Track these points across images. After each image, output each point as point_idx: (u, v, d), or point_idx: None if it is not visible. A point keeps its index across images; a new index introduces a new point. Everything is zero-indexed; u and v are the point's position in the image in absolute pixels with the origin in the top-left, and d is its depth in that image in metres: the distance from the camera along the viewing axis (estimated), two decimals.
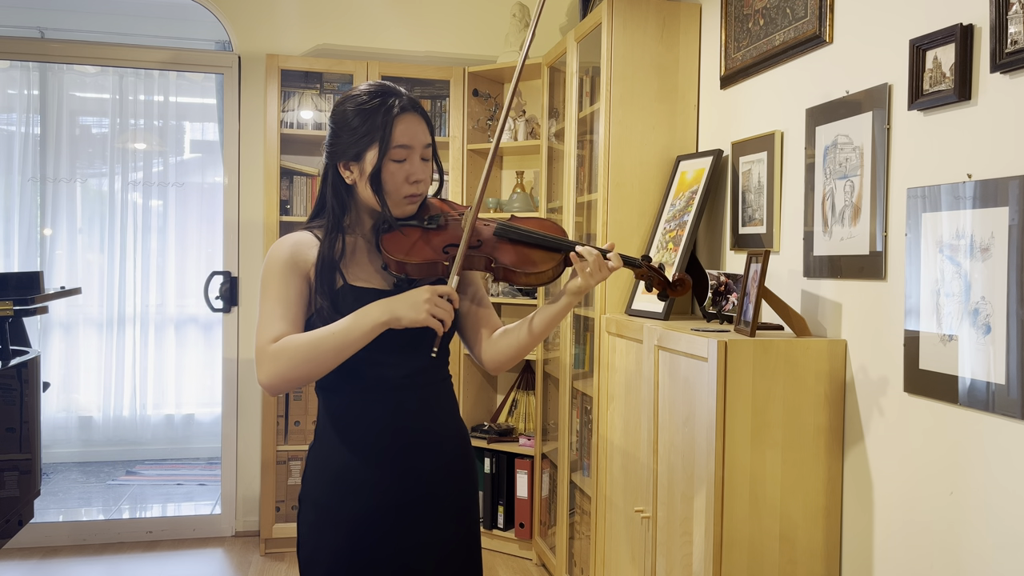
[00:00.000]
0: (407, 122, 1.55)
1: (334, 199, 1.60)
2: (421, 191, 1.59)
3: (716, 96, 2.83)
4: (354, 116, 1.55)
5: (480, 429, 3.88)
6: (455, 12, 4.13)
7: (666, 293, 1.69)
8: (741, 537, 2.02)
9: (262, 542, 3.80)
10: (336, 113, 1.59)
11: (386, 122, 1.53)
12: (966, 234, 1.68)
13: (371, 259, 1.61)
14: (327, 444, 1.61)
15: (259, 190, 3.95)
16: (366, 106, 1.55)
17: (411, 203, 1.59)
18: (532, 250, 1.60)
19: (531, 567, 3.67)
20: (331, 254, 1.56)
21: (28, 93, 5.21)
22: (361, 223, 1.63)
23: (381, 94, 1.56)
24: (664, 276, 1.68)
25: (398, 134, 1.53)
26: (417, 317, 1.46)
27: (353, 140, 1.55)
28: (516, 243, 1.61)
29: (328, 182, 1.61)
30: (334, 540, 1.57)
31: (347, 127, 1.56)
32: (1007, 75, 1.61)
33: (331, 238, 1.57)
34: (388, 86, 1.59)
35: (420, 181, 1.58)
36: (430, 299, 1.47)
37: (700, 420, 2.10)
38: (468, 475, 1.70)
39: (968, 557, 1.69)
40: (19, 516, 2.90)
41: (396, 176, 1.55)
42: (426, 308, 1.46)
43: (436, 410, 1.63)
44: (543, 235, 1.61)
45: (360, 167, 1.56)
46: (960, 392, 1.69)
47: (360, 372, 1.56)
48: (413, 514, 1.59)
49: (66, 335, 5.39)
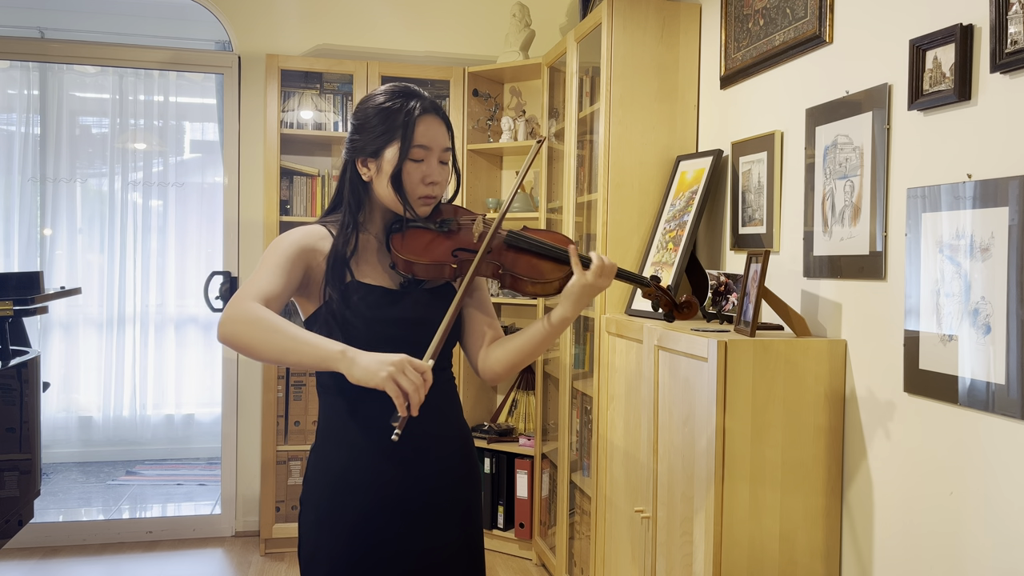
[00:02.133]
0: (428, 123, 1.57)
1: (351, 194, 1.61)
2: (436, 193, 1.61)
3: (716, 96, 2.83)
4: (375, 114, 1.58)
5: (480, 429, 3.88)
6: (455, 12, 4.13)
7: (672, 315, 1.69)
8: (741, 537, 2.02)
9: (262, 542, 3.80)
10: (359, 111, 1.62)
11: (407, 122, 1.55)
12: (966, 234, 1.68)
13: (380, 258, 1.62)
14: (328, 445, 1.61)
15: (259, 190, 3.95)
16: (388, 105, 1.58)
17: (425, 204, 1.60)
18: (541, 261, 1.61)
19: (531, 567, 3.67)
20: (344, 249, 1.57)
21: (28, 93, 5.21)
22: (374, 221, 1.64)
23: (404, 95, 1.59)
24: (672, 297, 1.69)
25: (418, 134, 1.56)
26: (374, 376, 1.32)
27: (373, 137, 1.57)
28: (526, 252, 1.61)
29: (346, 177, 1.63)
30: (335, 541, 1.57)
31: (368, 124, 1.58)
32: (1007, 75, 1.61)
33: (346, 233, 1.59)
34: (410, 87, 1.62)
35: (436, 183, 1.59)
36: (399, 364, 1.33)
37: (700, 420, 2.10)
38: (470, 476, 1.70)
39: (968, 557, 1.69)
40: (19, 516, 2.90)
41: (412, 176, 1.57)
42: (390, 371, 1.32)
43: (437, 411, 1.63)
44: (553, 246, 1.61)
45: (378, 164, 1.58)
46: (960, 392, 1.69)
47: None
48: (414, 516, 1.59)
49: (66, 335, 5.38)
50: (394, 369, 1.32)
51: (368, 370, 1.33)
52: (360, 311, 1.55)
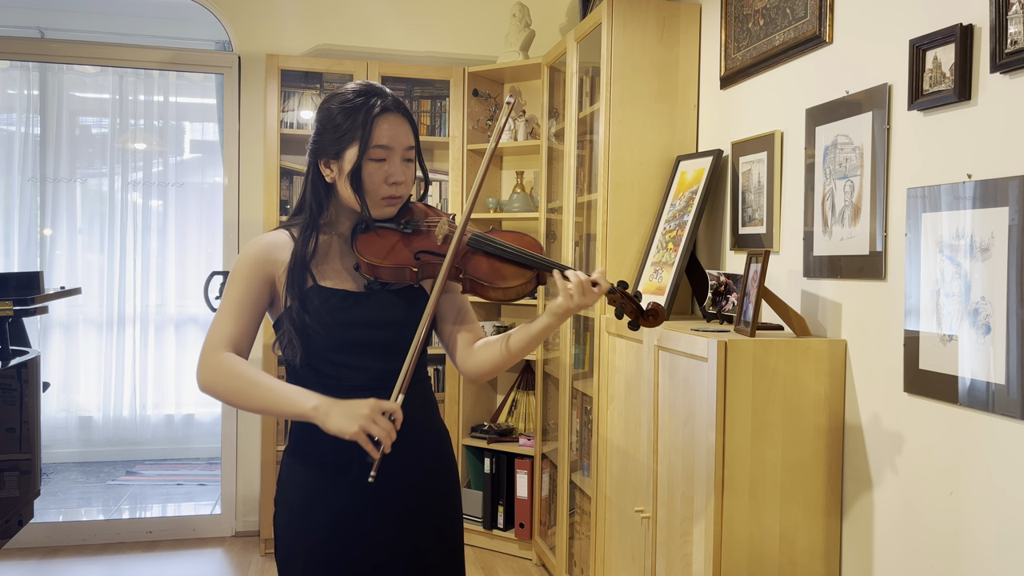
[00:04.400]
0: (389, 122, 1.55)
1: (312, 197, 1.60)
2: (400, 193, 1.58)
3: (716, 96, 2.83)
4: (338, 114, 1.55)
5: (480, 429, 3.88)
6: (455, 12, 4.13)
7: (637, 322, 1.58)
8: (741, 537, 2.02)
9: (262, 542, 3.80)
10: (321, 111, 1.59)
11: (367, 121, 1.53)
12: (966, 234, 1.68)
13: (344, 260, 1.61)
14: (300, 446, 1.61)
15: (259, 190, 3.95)
16: (349, 104, 1.55)
17: (390, 205, 1.58)
18: (504, 264, 1.58)
19: (531, 567, 3.67)
20: (303, 252, 1.56)
21: (28, 93, 5.21)
22: (339, 222, 1.62)
23: (365, 93, 1.56)
24: (638, 304, 1.58)
25: (378, 134, 1.53)
26: (346, 429, 1.41)
27: (335, 138, 1.55)
28: (489, 256, 1.58)
29: (309, 179, 1.61)
30: (309, 541, 1.57)
31: (331, 125, 1.56)
32: (1007, 75, 1.61)
33: (305, 236, 1.57)
34: (374, 86, 1.58)
35: (399, 183, 1.56)
36: (370, 415, 1.42)
37: (700, 420, 2.10)
38: (446, 476, 1.68)
39: (968, 557, 1.69)
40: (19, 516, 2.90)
41: (375, 176, 1.54)
42: (361, 423, 1.41)
43: (411, 412, 1.61)
44: (517, 250, 1.58)
45: (339, 165, 1.56)
46: (960, 392, 1.69)
47: (333, 374, 1.56)
48: (387, 515, 1.58)
49: (66, 335, 5.38)
50: (364, 421, 1.41)
51: (339, 426, 1.42)
52: (320, 316, 1.54)
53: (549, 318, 1.55)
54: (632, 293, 1.58)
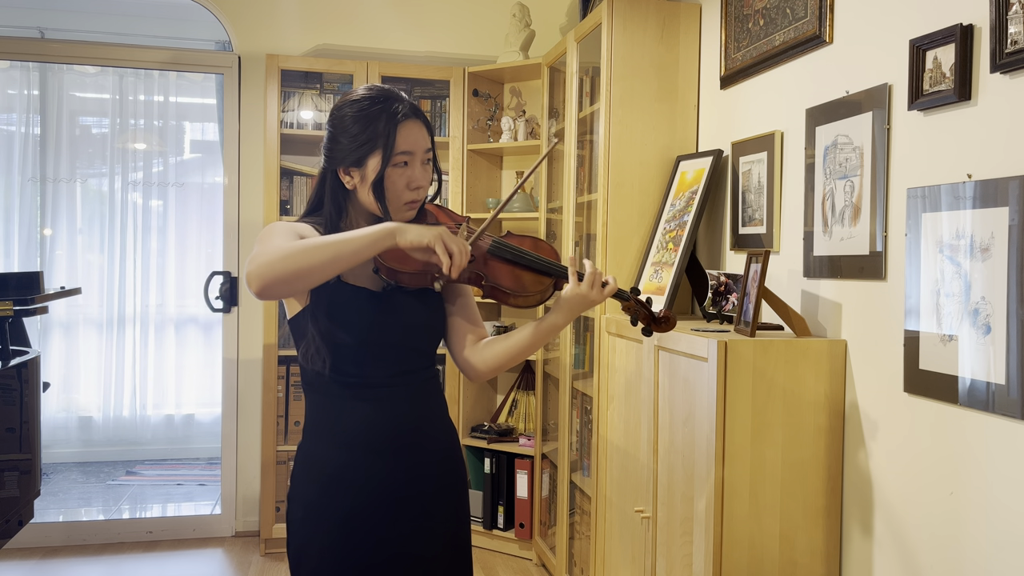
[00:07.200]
0: (409, 128, 1.55)
1: (331, 204, 1.60)
2: (421, 196, 1.60)
3: (716, 96, 2.83)
4: (354, 122, 1.54)
5: (480, 429, 3.88)
6: (455, 12, 4.13)
7: (650, 328, 1.63)
8: (741, 537, 2.02)
9: (262, 542, 3.80)
10: (334, 117, 1.58)
11: (389, 129, 1.52)
12: (966, 234, 1.68)
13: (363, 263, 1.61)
14: (314, 443, 1.62)
15: (259, 190, 3.95)
16: (367, 112, 1.54)
17: (410, 209, 1.59)
18: (524, 272, 1.59)
19: (531, 567, 3.67)
20: None
21: (28, 93, 5.21)
22: (359, 225, 1.63)
23: (383, 99, 1.55)
24: (651, 311, 1.63)
25: (401, 141, 1.53)
26: (422, 239, 1.40)
27: (354, 146, 1.54)
28: (510, 263, 1.59)
29: (326, 186, 1.60)
30: (322, 538, 1.58)
31: (347, 132, 1.55)
32: (1007, 75, 1.61)
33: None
34: (389, 91, 1.58)
35: (420, 187, 1.58)
36: (447, 231, 1.43)
37: (700, 420, 2.10)
38: (455, 473, 1.70)
39: (968, 558, 1.69)
40: (19, 516, 2.90)
41: (397, 183, 1.55)
42: (438, 231, 1.41)
43: (421, 409, 1.63)
44: (537, 257, 1.59)
45: (362, 173, 1.56)
46: (960, 392, 1.69)
47: (346, 371, 1.57)
48: (399, 512, 1.59)
49: (66, 335, 5.38)
50: (441, 231, 1.42)
51: (419, 231, 1.41)
52: (348, 314, 1.55)
53: (557, 314, 1.58)
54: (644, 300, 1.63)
